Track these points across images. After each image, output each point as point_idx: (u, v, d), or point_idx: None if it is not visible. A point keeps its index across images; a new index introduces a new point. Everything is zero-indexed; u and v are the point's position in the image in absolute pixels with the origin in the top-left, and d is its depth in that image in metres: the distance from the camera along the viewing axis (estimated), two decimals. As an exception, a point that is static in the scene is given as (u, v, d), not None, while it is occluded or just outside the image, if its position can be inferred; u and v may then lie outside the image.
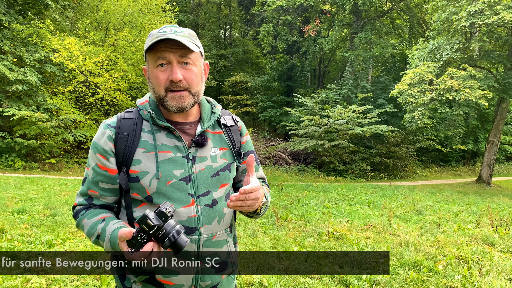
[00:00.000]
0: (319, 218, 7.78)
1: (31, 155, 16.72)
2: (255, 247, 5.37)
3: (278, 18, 28.21)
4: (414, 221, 7.94)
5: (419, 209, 9.34)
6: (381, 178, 21.09)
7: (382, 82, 25.72)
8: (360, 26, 26.25)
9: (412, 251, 5.32)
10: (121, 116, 1.45)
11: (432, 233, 6.67)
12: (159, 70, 1.37)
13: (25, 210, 7.20)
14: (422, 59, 17.11)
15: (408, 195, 12.68)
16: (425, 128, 22.13)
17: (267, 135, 26.71)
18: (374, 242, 5.91)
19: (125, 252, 1.20)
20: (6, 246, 4.76)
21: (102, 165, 1.40)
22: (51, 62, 17.11)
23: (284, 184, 14.87)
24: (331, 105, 22.85)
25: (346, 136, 20.20)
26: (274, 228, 6.71)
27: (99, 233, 1.33)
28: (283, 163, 21.86)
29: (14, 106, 15.56)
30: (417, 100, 15.62)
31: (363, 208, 9.54)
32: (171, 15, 21.10)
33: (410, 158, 22.92)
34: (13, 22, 16.22)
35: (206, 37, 33.87)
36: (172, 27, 1.39)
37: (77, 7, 19.77)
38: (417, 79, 15.87)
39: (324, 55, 31.44)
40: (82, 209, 1.44)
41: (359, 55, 25.04)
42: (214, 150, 1.49)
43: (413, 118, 16.45)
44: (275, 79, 30.09)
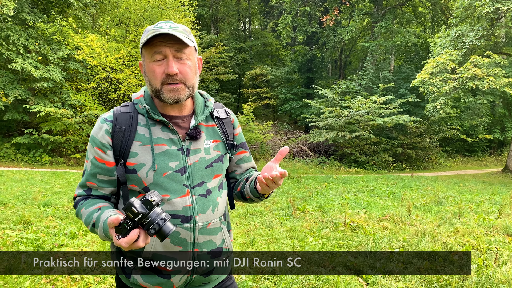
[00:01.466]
0: (337, 209, 7.78)
1: (57, 150, 17.23)
2: (271, 238, 5.45)
3: (297, 9, 28.00)
4: (434, 212, 7.85)
5: (440, 200, 9.22)
6: (403, 169, 20.83)
7: (404, 71, 25.28)
8: (381, 15, 25.81)
9: (428, 242, 5.29)
10: (117, 110, 1.51)
11: (451, 223, 6.59)
12: (155, 64, 1.42)
13: (51, 203, 7.47)
14: (445, 47, 16.73)
15: (429, 186, 12.51)
16: (448, 117, 21.69)
17: (287, 128, 26.67)
18: (390, 232, 5.89)
19: (113, 238, 1.25)
20: (32, 237, 4.97)
21: (100, 158, 1.47)
22: (74, 60, 17.53)
23: (304, 176, 14.88)
24: (352, 96, 22.61)
25: (367, 127, 20.00)
26: (291, 220, 6.76)
27: (94, 221, 1.39)
28: (303, 155, 21.84)
29: (40, 103, 16.03)
30: (439, 90, 15.31)
31: (382, 200, 9.48)
32: (190, 10, 21.24)
33: (433, 148, 22.53)
34: (38, 21, 16.67)
35: (226, 31, 33.92)
36: (167, 23, 1.44)
37: (98, 4, 20.12)
38: (439, 68, 15.55)
39: (345, 45, 31.08)
40: (81, 200, 1.50)
41: (380, 45, 24.65)
42: (207, 142, 1.55)
43: (435, 107, 16.14)
44: (295, 71, 29.93)
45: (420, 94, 19.88)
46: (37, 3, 18.17)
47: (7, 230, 5.33)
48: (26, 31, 16.40)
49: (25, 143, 16.34)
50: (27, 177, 11.48)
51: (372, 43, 25.02)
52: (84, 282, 3.69)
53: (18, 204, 7.35)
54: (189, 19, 20.60)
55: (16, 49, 15.59)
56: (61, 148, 17.21)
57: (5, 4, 14.37)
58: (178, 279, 1.47)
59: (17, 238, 4.92)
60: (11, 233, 5.12)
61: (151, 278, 1.47)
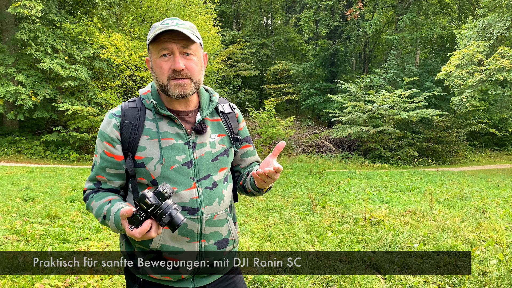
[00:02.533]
0: (358, 204, 7.73)
1: (84, 147, 17.70)
2: (290, 233, 5.47)
3: (319, 3, 27.74)
4: (458, 207, 7.70)
5: (465, 195, 9.02)
6: (429, 164, 20.42)
7: (429, 64, 24.72)
8: (405, 7, 25.30)
9: (449, 237, 5.20)
10: (125, 105, 1.56)
11: (475, 218, 6.45)
12: (162, 60, 1.47)
13: (77, 198, 7.71)
14: (471, 39, 16.27)
15: (455, 181, 12.24)
16: (476, 111, 21.12)
17: (310, 123, 26.52)
18: (411, 227, 5.83)
19: (126, 229, 1.30)
20: (58, 230, 5.17)
21: (109, 151, 1.52)
22: (100, 58, 17.93)
23: (326, 171, 14.80)
24: (376, 90, 22.26)
25: (392, 121, 19.68)
26: (311, 215, 6.77)
27: (105, 213, 1.43)
28: (326, 150, 21.70)
29: (67, 102, 16.50)
30: (465, 82, 14.92)
31: (405, 195, 9.35)
32: (211, 7, 21.36)
33: (460, 142, 21.97)
34: (64, 22, 17.13)
35: (248, 27, 33.93)
36: (174, 20, 1.48)
37: (122, 3, 20.49)
38: (465, 60, 15.14)
39: (369, 38, 30.60)
40: (91, 193, 1.55)
41: (404, 37, 24.16)
42: (212, 136, 1.59)
43: (461, 100, 15.75)
44: (318, 65, 29.69)
45: (446, 87, 19.42)
46: (63, 4, 18.68)
47: (36, 224, 5.55)
48: (54, 31, 16.87)
49: (54, 141, 16.85)
50: (55, 173, 11.86)
51: (397, 36, 24.55)
52: (106, 273, 3.81)
53: (46, 199, 7.62)
54: (211, 16, 20.71)
55: (44, 49, 16.07)
56: (88, 145, 17.67)
57: (33, 6, 14.82)
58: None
59: (44, 231, 5.13)
60: (39, 227, 5.33)
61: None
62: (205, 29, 19.47)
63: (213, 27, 20.40)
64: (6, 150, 16.35)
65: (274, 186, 10.58)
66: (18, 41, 16.23)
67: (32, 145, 16.90)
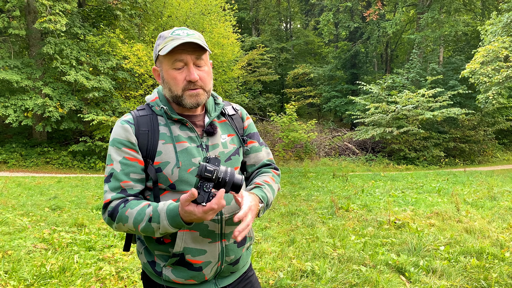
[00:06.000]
0: (382, 207, 7.61)
1: (110, 156, 18.03)
2: (312, 237, 5.43)
3: (338, 5, 27.58)
4: (487, 208, 7.49)
5: (494, 195, 8.76)
6: (456, 164, 19.94)
7: (453, 62, 24.22)
8: (427, 5, 24.86)
9: (477, 238, 5.06)
10: (136, 113, 1.58)
11: (505, 219, 6.26)
12: (176, 71, 1.49)
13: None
14: (496, 34, 15.86)
15: (483, 181, 11.90)
16: (504, 108, 20.52)
17: (332, 126, 26.33)
18: (437, 230, 5.69)
19: (196, 211, 1.25)
20: (84, 238, 5.28)
21: (132, 157, 1.50)
22: (122, 69, 18.29)
23: (350, 174, 14.63)
24: (399, 90, 21.93)
25: (416, 121, 19.35)
26: (334, 218, 6.70)
27: (150, 215, 1.36)
28: (349, 153, 21.46)
29: (92, 112, 16.88)
30: (491, 79, 14.53)
31: (431, 196, 9.14)
32: (230, 14, 21.52)
33: (488, 141, 21.38)
34: (88, 35, 17.58)
35: (267, 32, 34.04)
36: (184, 30, 1.51)
37: (143, 14, 20.88)
38: (491, 57, 14.76)
39: (390, 38, 30.21)
40: (120, 203, 1.45)
41: (427, 36, 23.74)
42: (223, 137, 1.63)
43: (487, 98, 15.34)
44: (339, 67, 29.47)
45: (472, 85, 18.95)
46: (86, 17, 19.17)
47: (63, 232, 5.68)
48: (78, 44, 17.33)
49: (81, 151, 17.26)
50: (82, 183, 12.14)
51: (418, 35, 24.13)
52: (130, 280, 3.87)
53: (73, 208, 7.80)
54: (230, 23, 20.86)
55: (69, 62, 16.51)
56: (113, 154, 17.98)
57: (58, 21, 15.28)
58: (209, 270, 1.54)
59: (71, 239, 5.25)
60: (66, 235, 5.46)
61: (183, 273, 1.52)
62: (225, 36, 19.61)
63: (233, 33, 20.52)
64: (35, 161, 16.83)
65: (297, 191, 10.52)
66: (44, 55, 16.74)
67: (60, 156, 17.35)
